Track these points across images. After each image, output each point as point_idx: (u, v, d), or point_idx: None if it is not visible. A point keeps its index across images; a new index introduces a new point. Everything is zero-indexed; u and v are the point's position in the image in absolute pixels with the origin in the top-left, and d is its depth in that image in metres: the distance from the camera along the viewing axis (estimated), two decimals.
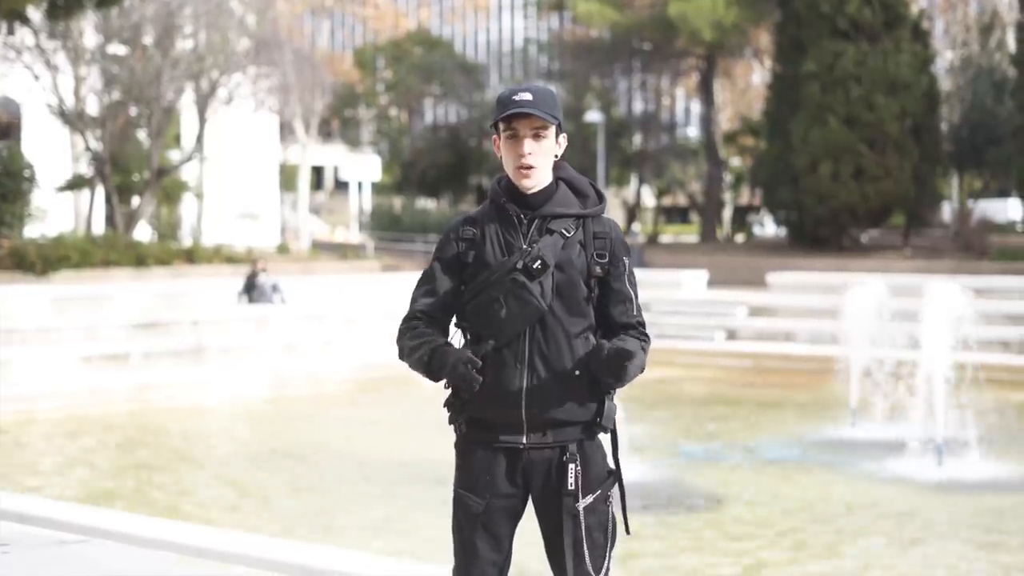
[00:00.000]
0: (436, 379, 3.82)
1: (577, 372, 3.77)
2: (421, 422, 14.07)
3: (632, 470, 3.60)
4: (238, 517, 10.25)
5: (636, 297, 3.88)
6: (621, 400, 4.08)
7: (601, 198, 3.91)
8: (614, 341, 3.77)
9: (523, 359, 3.76)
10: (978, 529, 9.90)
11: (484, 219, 3.89)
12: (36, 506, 8.15)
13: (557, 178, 3.89)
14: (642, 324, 3.89)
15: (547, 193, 3.84)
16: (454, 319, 3.92)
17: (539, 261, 3.73)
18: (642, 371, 3.85)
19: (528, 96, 3.81)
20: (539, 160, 3.81)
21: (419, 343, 3.83)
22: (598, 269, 3.81)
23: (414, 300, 3.92)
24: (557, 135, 3.88)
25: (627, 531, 3.93)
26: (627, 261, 3.86)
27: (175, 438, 14.41)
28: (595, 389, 3.81)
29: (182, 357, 18.70)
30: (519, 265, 3.74)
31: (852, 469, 12.35)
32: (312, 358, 19.86)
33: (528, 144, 3.79)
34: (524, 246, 3.78)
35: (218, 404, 16.80)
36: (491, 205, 3.90)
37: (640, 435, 13.26)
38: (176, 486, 11.79)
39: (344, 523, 10.00)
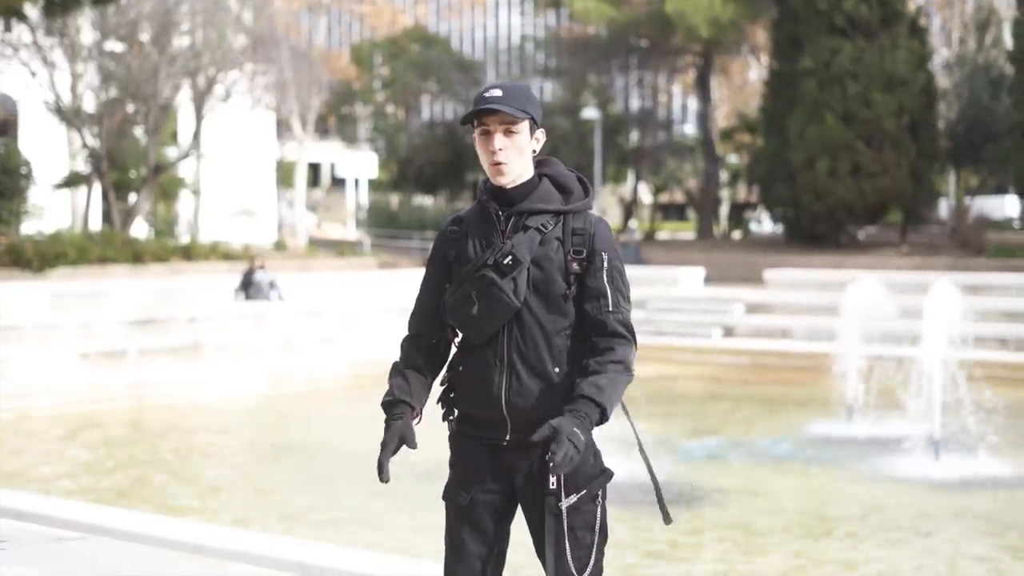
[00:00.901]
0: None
1: (556, 370, 3.74)
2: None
3: (628, 468, 3.60)
4: (236, 514, 10.25)
5: (617, 293, 3.77)
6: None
7: (587, 193, 3.87)
8: (578, 394, 3.69)
9: (502, 357, 3.75)
10: (975, 526, 9.92)
11: (469, 217, 3.89)
12: (34, 503, 8.15)
13: (542, 174, 3.85)
14: (622, 322, 3.77)
15: (527, 189, 3.81)
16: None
17: (510, 257, 3.71)
18: (630, 378, 3.79)
19: (498, 92, 3.76)
20: (511, 156, 3.77)
21: (397, 373, 3.98)
22: (575, 266, 3.76)
23: (415, 303, 3.98)
24: (532, 131, 3.82)
25: (668, 519, 3.93)
26: (607, 256, 3.77)
27: (173, 435, 14.41)
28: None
29: (179, 354, 18.70)
30: (490, 261, 3.73)
31: (849, 466, 12.36)
32: (310, 355, 19.86)
33: (499, 140, 3.75)
34: (501, 243, 3.78)
35: (216, 401, 16.80)
36: (477, 204, 3.91)
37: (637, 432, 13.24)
38: (174, 483, 11.79)
39: (342, 520, 10.01)
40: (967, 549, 9.27)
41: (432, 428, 4.05)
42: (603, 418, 3.70)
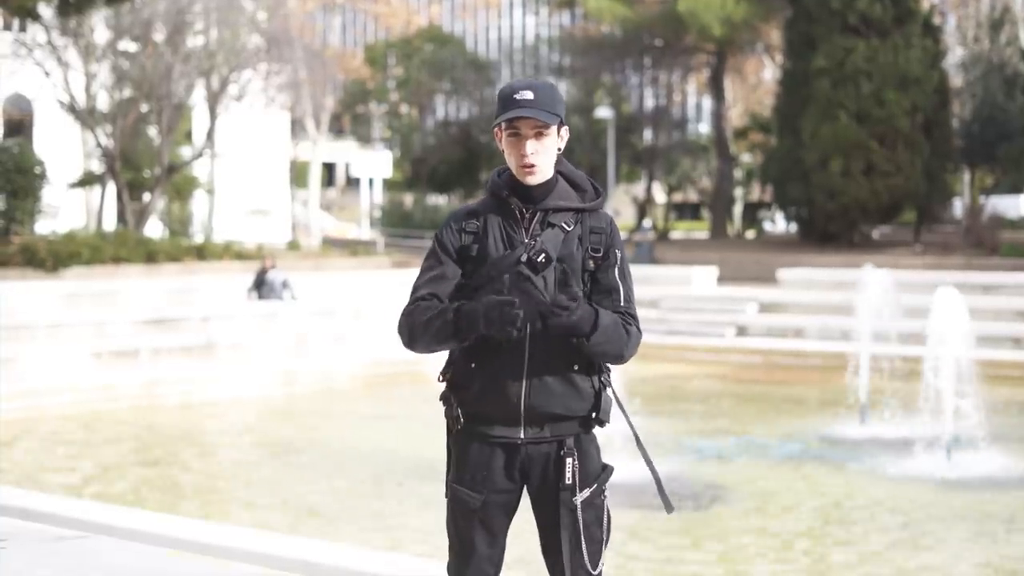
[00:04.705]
0: (467, 336, 3.66)
1: (576, 366, 3.75)
2: (430, 418, 14.04)
3: (642, 466, 3.62)
4: (244, 513, 10.27)
5: (626, 288, 3.83)
6: (631, 396, 4.06)
7: (599, 193, 3.89)
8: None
9: (523, 355, 3.74)
10: (987, 525, 9.88)
11: (485, 212, 3.86)
12: (36, 501, 8.14)
13: (557, 171, 3.87)
14: (633, 315, 3.82)
15: (548, 187, 3.82)
16: None
17: (543, 255, 3.72)
18: (619, 353, 3.76)
19: (529, 95, 3.75)
20: (541, 159, 3.79)
21: (435, 313, 3.71)
22: (591, 263, 3.79)
23: (417, 288, 3.84)
24: (559, 130, 3.84)
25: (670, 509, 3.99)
26: (619, 254, 3.83)
27: (184, 434, 14.43)
28: (593, 383, 3.80)
29: (192, 353, 18.72)
30: (523, 258, 3.72)
31: (861, 465, 12.32)
32: (322, 354, 19.87)
33: (531, 144, 3.76)
34: (526, 239, 3.77)
35: (228, 400, 16.80)
36: (491, 198, 3.88)
37: (650, 431, 13.23)
38: (184, 482, 11.81)
39: (348, 518, 10.01)
40: (979, 548, 9.24)
41: (433, 427, 4.04)
42: (593, 331, 3.67)
